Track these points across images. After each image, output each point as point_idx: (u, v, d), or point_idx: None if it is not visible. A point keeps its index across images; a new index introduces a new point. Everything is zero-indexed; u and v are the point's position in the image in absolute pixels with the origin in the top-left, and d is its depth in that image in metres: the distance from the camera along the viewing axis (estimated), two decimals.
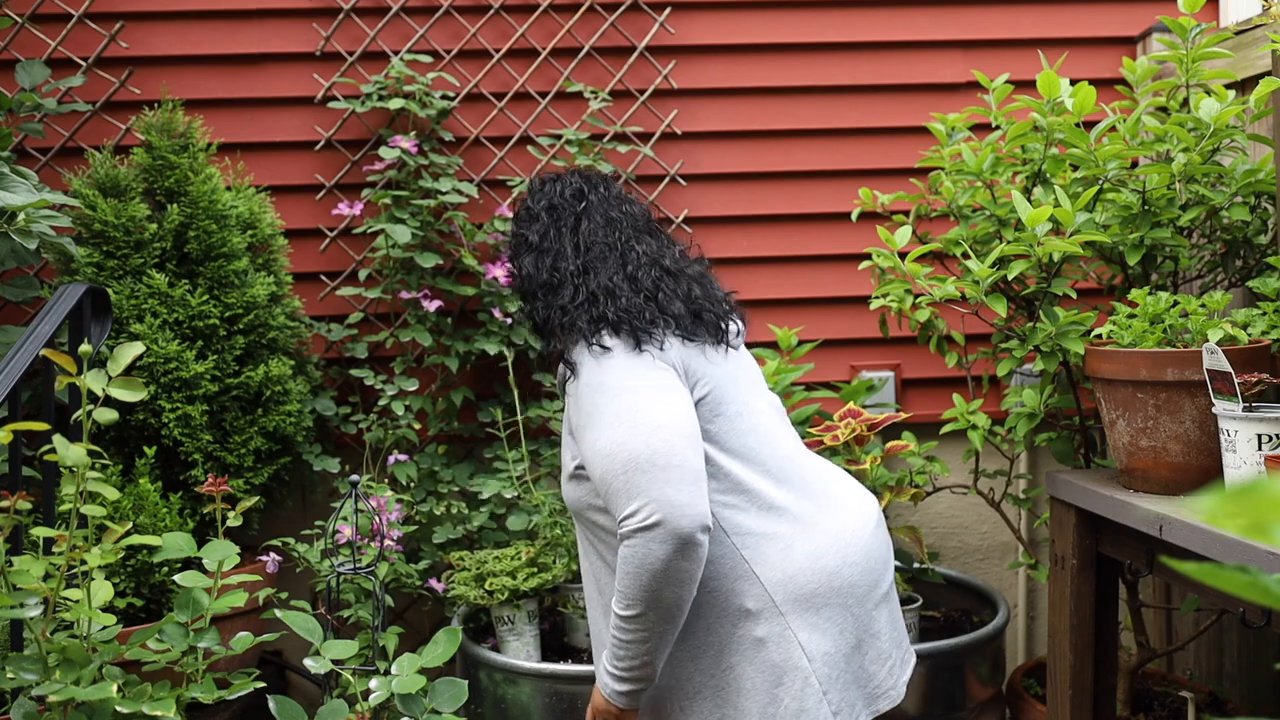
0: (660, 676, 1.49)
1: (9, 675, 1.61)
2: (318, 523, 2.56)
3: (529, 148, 2.85)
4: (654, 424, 1.40)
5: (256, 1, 2.84)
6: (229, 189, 2.62)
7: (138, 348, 1.73)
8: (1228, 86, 2.08)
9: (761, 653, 1.46)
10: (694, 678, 1.48)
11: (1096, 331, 1.97)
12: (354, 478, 2.13)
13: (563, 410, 1.62)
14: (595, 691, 1.52)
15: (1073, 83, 2.08)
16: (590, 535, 1.59)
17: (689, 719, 1.49)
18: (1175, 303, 1.86)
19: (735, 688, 1.46)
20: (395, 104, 2.69)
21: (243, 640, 1.82)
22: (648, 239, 1.69)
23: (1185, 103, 2.19)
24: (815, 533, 1.53)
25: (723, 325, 1.62)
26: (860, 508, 1.62)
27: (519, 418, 2.70)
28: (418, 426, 2.75)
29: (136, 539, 1.76)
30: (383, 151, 2.69)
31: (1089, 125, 2.13)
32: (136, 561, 2.22)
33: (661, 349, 1.51)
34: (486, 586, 2.37)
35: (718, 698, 1.47)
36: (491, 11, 2.87)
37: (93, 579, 1.70)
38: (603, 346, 1.51)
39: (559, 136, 2.83)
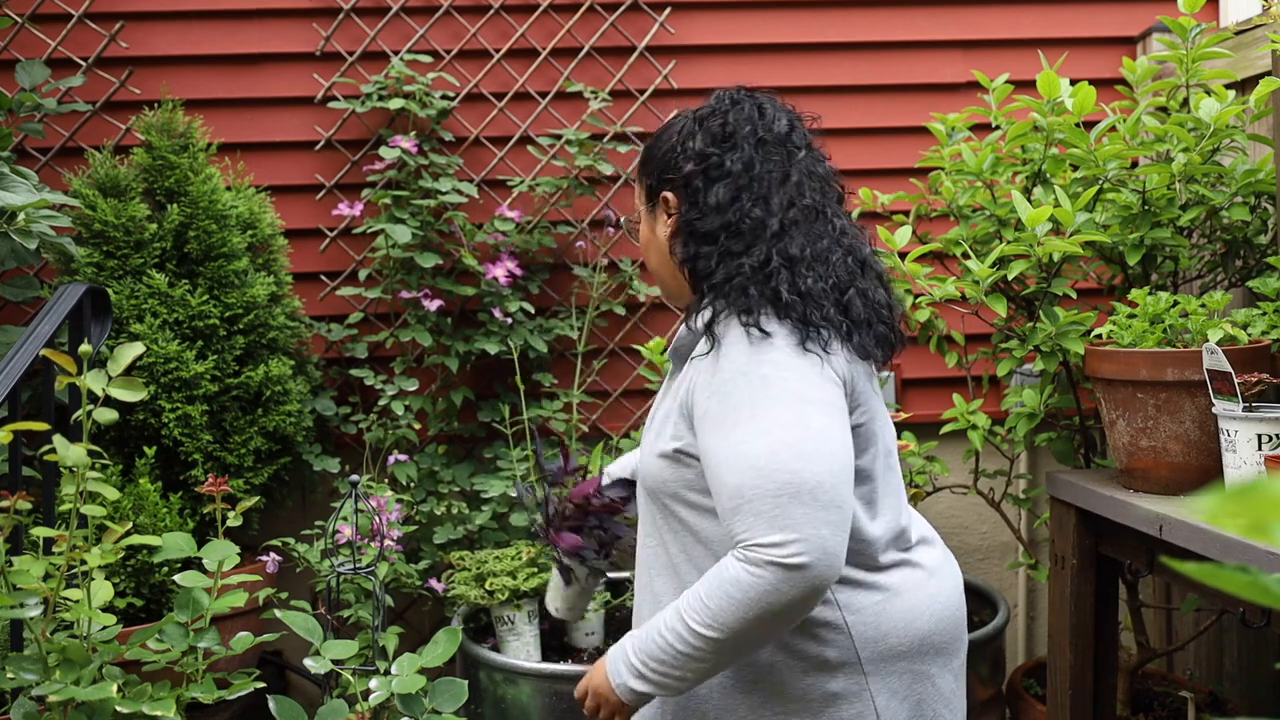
0: (697, 699, 1.35)
1: (9, 675, 1.61)
2: (318, 523, 2.56)
3: (529, 148, 2.85)
4: (827, 451, 1.19)
5: (256, 1, 2.84)
6: (229, 189, 2.62)
7: (138, 348, 1.73)
8: (1228, 86, 2.08)
9: (830, 709, 1.29)
10: (736, 710, 1.32)
11: (1096, 331, 1.97)
12: (354, 478, 2.13)
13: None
14: (599, 669, 1.32)
15: (1073, 83, 2.08)
16: (663, 523, 1.38)
17: None
18: (1175, 303, 1.86)
19: None
20: (395, 104, 2.69)
21: (243, 640, 1.82)
22: (845, 214, 1.42)
23: (1185, 103, 2.19)
24: (914, 590, 1.36)
25: (890, 344, 1.38)
26: (953, 569, 1.46)
27: (523, 417, 2.70)
28: (418, 426, 2.75)
29: (136, 539, 1.76)
30: (383, 151, 2.69)
31: (1089, 125, 2.13)
32: (136, 561, 2.22)
33: (826, 352, 1.27)
34: (487, 586, 2.37)
35: None
36: (491, 11, 2.87)
37: (93, 579, 1.70)
38: (762, 331, 1.26)
39: (559, 136, 2.83)
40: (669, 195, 1.40)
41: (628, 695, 1.28)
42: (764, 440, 1.19)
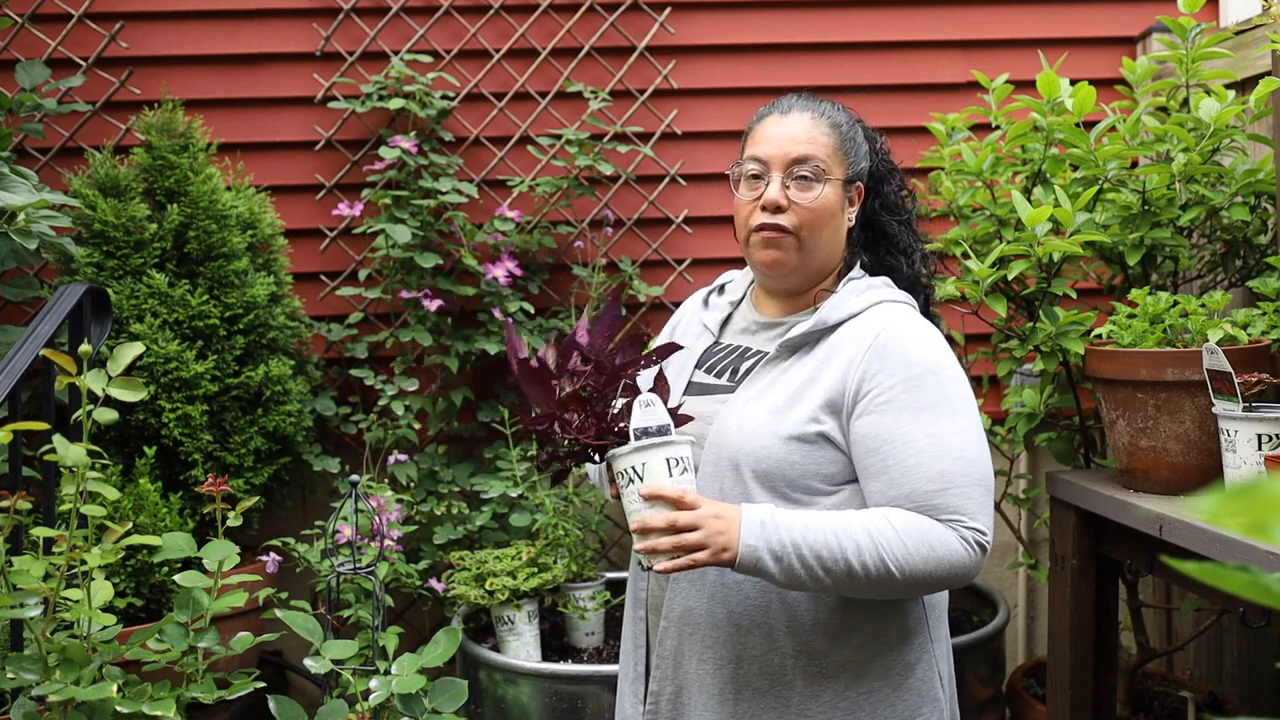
0: (782, 683, 1.37)
1: (9, 675, 1.61)
2: (318, 523, 2.56)
3: (529, 148, 2.85)
4: (989, 455, 1.36)
5: (256, 1, 2.84)
6: (229, 189, 2.62)
7: (138, 348, 1.73)
8: (1228, 86, 2.08)
9: (909, 679, 1.38)
10: (821, 695, 1.36)
11: (1096, 331, 1.97)
12: (354, 478, 2.13)
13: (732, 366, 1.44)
14: (729, 515, 1.26)
15: (1073, 83, 2.08)
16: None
17: None
18: (1175, 303, 1.86)
19: (868, 712, 1.36)
20: (395, 104, 2.69)
21: (243, 640, 1.82)
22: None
23: (1185, 103, 2.19)
24: None
25: None
26: None
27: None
28: (418, 426, 2.75)
29: (136, 539, 1.76)
30: (383, 151, 2.69)
31: (1089, 125, 2.13)
32: (136, 561, 2.22)
33: None
34: (487, 586, 2.37)
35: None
36: (491, 11, 2.87)
37: (93, 579, 1.70)
38: (935, 330, 1.40)
39: (559, 136, 2.83)
40: (861, 185, 1.48)
41: (747, 559, 1.24)
42: (962, 437, 1.31)
